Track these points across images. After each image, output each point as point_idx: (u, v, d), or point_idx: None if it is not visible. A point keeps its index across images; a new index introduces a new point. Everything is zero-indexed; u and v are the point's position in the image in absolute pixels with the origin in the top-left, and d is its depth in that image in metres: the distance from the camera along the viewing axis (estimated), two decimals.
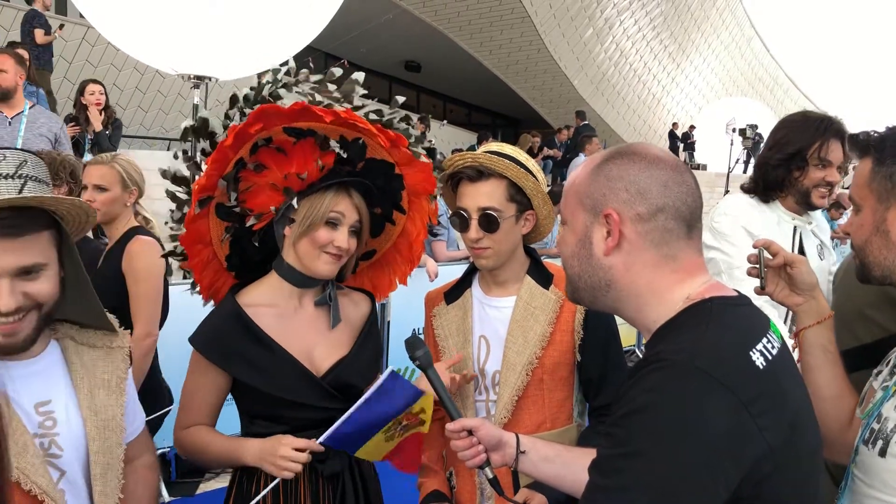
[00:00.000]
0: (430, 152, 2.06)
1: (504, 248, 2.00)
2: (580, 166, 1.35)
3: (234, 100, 1.89)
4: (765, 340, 1.17)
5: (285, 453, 1.78)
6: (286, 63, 1.95)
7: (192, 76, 5.37)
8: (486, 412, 2.03)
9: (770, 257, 1.70)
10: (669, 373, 1.10)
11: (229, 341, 1.88)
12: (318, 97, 1.88)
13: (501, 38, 24.32)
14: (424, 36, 24.75)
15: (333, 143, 1.89)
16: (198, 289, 2.03)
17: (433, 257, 6.33)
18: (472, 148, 15.35)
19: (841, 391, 1.64)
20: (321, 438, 1.78)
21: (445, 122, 24.68)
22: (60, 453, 1.49)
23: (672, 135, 25.41)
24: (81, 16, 8.07)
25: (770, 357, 1.14)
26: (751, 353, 1.12)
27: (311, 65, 2.02)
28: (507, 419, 1.97)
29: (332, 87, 1.93)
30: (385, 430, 1.86)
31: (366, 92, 1.92)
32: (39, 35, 9.45)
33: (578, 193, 1.29)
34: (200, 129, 1.88)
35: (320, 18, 6.93)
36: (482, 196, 1.96)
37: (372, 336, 2.06)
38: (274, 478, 1.81)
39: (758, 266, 1.69)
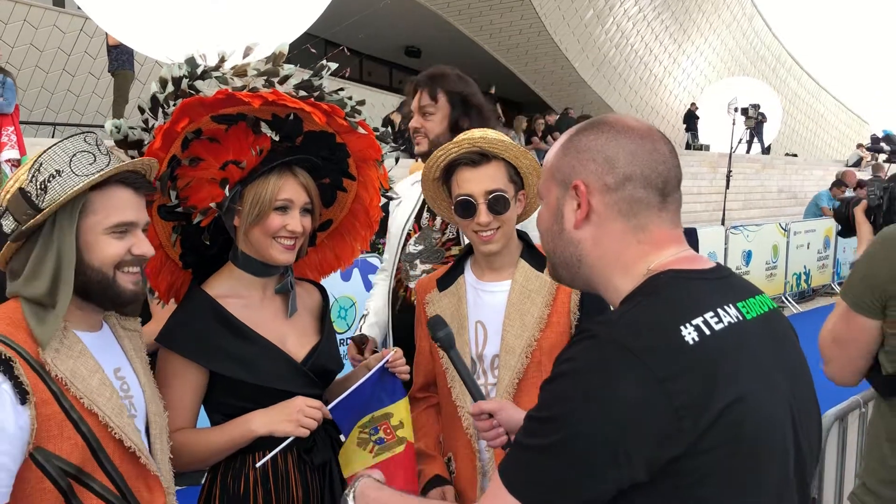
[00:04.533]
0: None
1: (510, 231, 2.01)
2: (556, 141, 1.35)
3: (153, 100, 1.77)
4: (710, 314, 1.12)
5: (302, 408, 1.76)
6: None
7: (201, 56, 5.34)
8: (486, 395, 2.03)
9: None
10: (588, 344, 1.11)
11: (206, 336, 1.82)
12: (239, 81, 1.79)
13: (501, 21, 24.18)
14: (424, 21, 24.62)
15: (266, 128, 1.82)
16: (156, 294, 1.99)
17: None
18: None
19: None
20: (333, 403, 1.80)
21: None
22: (136, 414, 1.61)
23: (690, 115, 25.29)
24: (79, 7, 8.03)
25: (710, 332, 1.10)
26: (682, 327, 1.08)
27: (313, 51, 1.97)
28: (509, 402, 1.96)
29: (252, 70, 1.82)
30: (361, 424, 1.88)
31: (292, 72, 1.82)
32: None
33: (551, 168, 1.29)
34: (122, 143, 1.78)
35: (317, 4, 6.89)
36: (487, 179, 1.96)
37: (330, 323, 2.07)
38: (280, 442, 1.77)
39: None
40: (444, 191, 2.10)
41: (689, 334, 1.08)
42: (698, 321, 1.10)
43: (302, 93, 1.81)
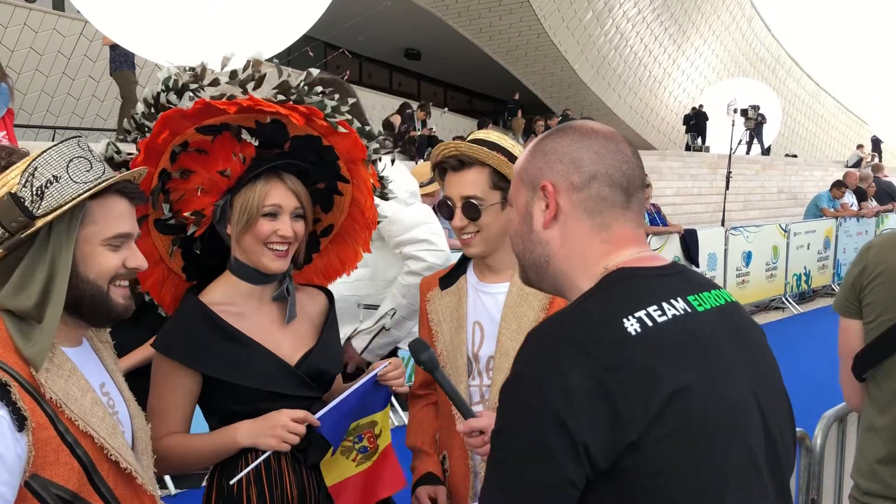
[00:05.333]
0: (431, 140, 2.03)
1: (490, 236, 2.02)
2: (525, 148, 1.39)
3: (134, 120, 1.81)
4: (654, 308, 1.15)
5: (286, 423, 1.76)
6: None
7: (187, 68, 5.33)
8: (480, 396, 2.05)
9: None
10: (535, 344, 1.16)
11: (198, 340, 1.82)
12: (214, 92, 1.80)
13: (501, 23, 24.20)
14: (423, 23, 24.65)
15: (247, 136, 1.82)
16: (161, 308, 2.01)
17: None
18: None
19: None
20: (318, 414, 1.79)
21: (447, 109, 24.63)
22: (124, 430, 1.55)
23: (700, 115, 25.26)
24: (78, 11, 8.04)
25: (653, 323, 1.13)
26: (625, 319, 1.12)
27: (311, 54, 1.97)
28: None
29: (223, 77, 1.83)
30: (347, 432, 1.88)
31: (264, 74, 1.83)
32: None
33: (520, 172, 1.33)
34: (109, 163, 1.77)
35: (316, 7, 6.90)
36: (465, 185, 1.99)
37: (334, 328, 2.06)
38: (259, 456, 1.78)
39: None
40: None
41: (630, 326, 1.12)
42: (641, 314, 1.13)
43: (280, 97, 1.81)
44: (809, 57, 35.43)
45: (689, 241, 9.06)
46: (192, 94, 1.77)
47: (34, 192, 1.38)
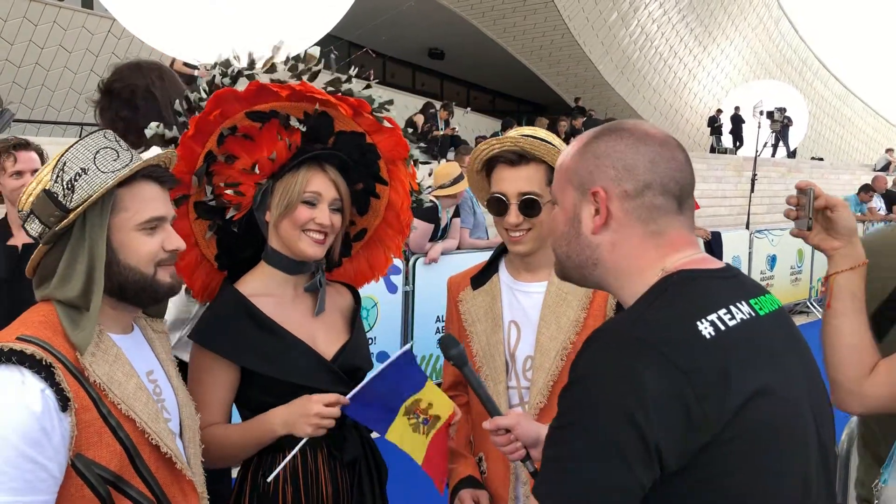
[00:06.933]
0: (454, 140, 2.02)
1: (542, 234, 1.97)
2: (570, 144, 1.35)
3: (187, 99, 1.87)
4: (723, 311, 1.14)
5: (319, 410, 1.76)
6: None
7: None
8: (519, 398, 2.01)
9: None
10: (604, 343, 1.14)
11: (236, 332, 1.84)
12: (268, 79, 1.85)
13: (525, 23, 24.17)
14: (447, 23, 24.66)
15: (296, 123, 1.85)
16: (191, 291, 2.01)
17: (459, 241, 6.27)
18: (495, 135, 15.23)
19: (862, 341, 1.62)
20: (349, 395, 1.79)
21: (469, 108, 24.61)
22: (170, 417, 1.58)
23: (736, 117, 24.96)
24: (107, 10, 8.14)
25: (725, 327, 1.12)
26: (698, 322, 1.11)
27: (335, 53, 2.00)
28: (544, 404, 1.94)
29: (281, 66, 1.89)
30: (403, 412, 1.86)
31: (319, 68, 1.91)
32: None
33: (567, 172, 1.29)
34: (162, 141, 1.84)
35: (339, 6, 6.93)
36: (522, 180, 1.93)
37: (362, 325, 2.07)
38: (295, 444, 1.78)
39: (799, 207, 1.64)
40: (487, 183, 2.06)
41: (705, 329, 1.11)
42: (713, 317, 1.12)
43: (330, 89, 1.85)
44: (837, 59, 34.99)
45: (713, 244, 8.99)
46: (246, 80, 1.81)
47: (65, 186, 1.45)
